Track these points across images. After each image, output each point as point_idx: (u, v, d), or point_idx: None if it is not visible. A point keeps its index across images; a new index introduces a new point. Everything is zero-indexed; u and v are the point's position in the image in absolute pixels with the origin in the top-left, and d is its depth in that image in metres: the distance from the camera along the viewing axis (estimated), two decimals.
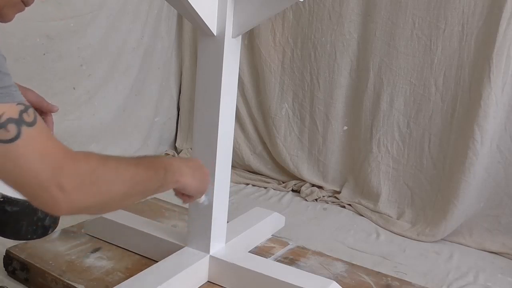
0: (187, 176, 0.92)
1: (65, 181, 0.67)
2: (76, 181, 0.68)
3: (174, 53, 2.81)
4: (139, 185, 0.80)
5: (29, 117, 0.66)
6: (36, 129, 0.66)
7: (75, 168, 0.69)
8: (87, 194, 0.70)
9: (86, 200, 0.70)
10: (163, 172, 0.85)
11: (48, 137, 0.69)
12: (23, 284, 1.38)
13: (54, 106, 1.05)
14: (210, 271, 1.32)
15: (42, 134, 0.68)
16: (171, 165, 0.88)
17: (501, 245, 1.94)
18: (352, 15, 2.24)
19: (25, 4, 0.79)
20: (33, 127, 0.66)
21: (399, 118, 2.16)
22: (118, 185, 0.75)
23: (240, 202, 2.20)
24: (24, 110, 0.66)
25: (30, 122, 0.66)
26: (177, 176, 0.89)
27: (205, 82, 1.24)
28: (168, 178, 0.87)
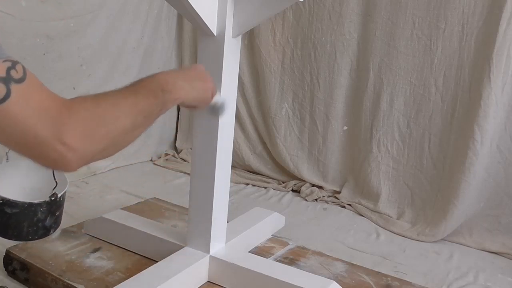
0: (184, 90, 0.86)
1: (67, 134, 0.63)
2: (79, 131, 0.65)
3: (174, 53, 2.81)
4: (141, 113, 0.76)
5: (17, 73, 0.62)
6: (26, 84, 0.62)
7: (74, 117, 0.65)
8: (94, 140, 0.67)
9: (95, 146, 0.67)
10: (161, 93, 0.81)
11: (41, 91, 0.64)
12: (23, 284, 1.38)
13: None
14: (210, 271, 1.32)
15: (34, 89, 0.64)
16: (167, 83, 0.83)
17: (501, 245, 1.94)
18: (352, 15, 2.24)
19: None
20: (23, 83, 0.62)
21: (399, 118, 2.16)
22: (122, 120, 0.72)
23: (240, 202, 2.20)
24: (11, 66, 0.62)
25: (19, 79, 0.62)
26: (175, 94, 0.84)
27: None
28: (167, 98, 0.82)
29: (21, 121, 0.61)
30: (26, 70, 0.63)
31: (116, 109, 0.71)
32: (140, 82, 0.80)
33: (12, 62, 0.63)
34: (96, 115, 0.67)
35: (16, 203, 1.00)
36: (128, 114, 0.72)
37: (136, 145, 2.68)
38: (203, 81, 0.94)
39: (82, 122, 0.65)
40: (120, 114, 0.71)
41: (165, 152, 2.83)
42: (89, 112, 0.67)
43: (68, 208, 1.59)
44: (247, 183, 2.49)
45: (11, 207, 1.03)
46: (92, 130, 0.66)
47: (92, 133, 0.66)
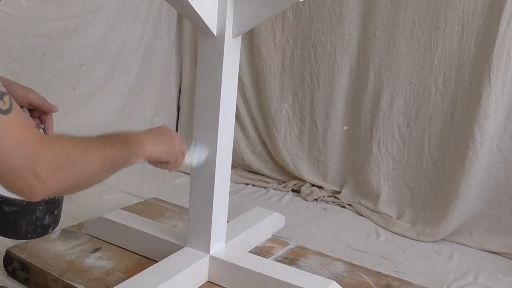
0: (150, 144, 0.96)
1: (40, 168, 0.68)
2: (52, 167, 0.70)
3: (174, 53, 2.81)
4: (108, 161, 0.83)
5: (4, 104, 0.66)
6: (11, 116, 0.66)
7: (50, 154, 0.70)
8: (63, 178, 0.72)
9: (62, 183, 0.72)
10: (128, 144, 0.89)
11: (23, 124, 0.69)
12: (23, 284, 1.38)
13: (54, 106, 1.05)
14: (210, 271, 1.32)
15: (18, 122, 0.68)
16: (135, 137, 0.92)
17: (501, 245, 1.94)
18: (352, 15, 2.24)
19: None
20: (8, 114, 0.66)
21: (399, 118, 2.16)
22: (91, 164, 0.78)
23: (240, 202, 2.20)
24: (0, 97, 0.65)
25: (5, 110, 0.66)
26: (142, 147, 0.93)
27: (205, 82, 1.24)
28: (133, 150, 0.90)
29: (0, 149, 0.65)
30: (12, 102, 0.68)
31: (87, 154, 0.78)
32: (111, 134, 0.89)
33: (1, 93, 0.66)
34: (68, 155, 0.73)
35: (14, 201, 1.00)
36: (96, 160, 0.80)
37: None
38: (169, 136, 1.04)
39: (55, 159, 0.71)
40: (89, 159, 0.78)
41: None
42: (63, 152, 0.72)
43: (68, 208, 1.59)
44: (247, 183, 2.49)
45: (10, 206, 1.02)
46: (63, 169, 0.72)
47: (62, 172, 0.71)
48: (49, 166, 0.69)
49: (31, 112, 1.05)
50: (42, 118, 1.06)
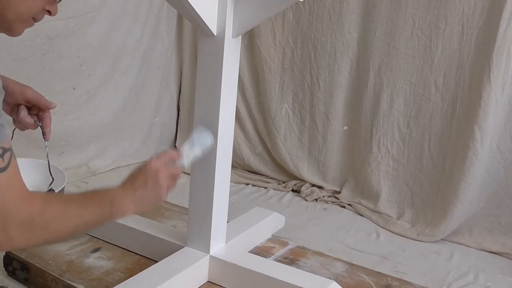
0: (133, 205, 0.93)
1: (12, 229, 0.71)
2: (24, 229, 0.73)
3: (174, 53, 2.81)
4: (84, 222, 0.85)
5: (3, 162, 0.70)
6: (5, 174, 0.70)
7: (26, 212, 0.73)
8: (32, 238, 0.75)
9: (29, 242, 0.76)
10: (109, 207, 0.88)
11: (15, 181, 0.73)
12: (23, 284, 1.38)
13: (52, 102, 1.04)
14: (210, 271, 1.32)
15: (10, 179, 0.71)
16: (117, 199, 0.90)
17: (501, 245, 1.94)
18: (352, 15, 2.23)
19: (35, 21, 0.81)
20: (3, 172, 0.70)
21: (399, 118, 2.16)
22: (63, 227, 0.80)
23: (240, 202, 2.20)
24: (1, 154, 0.69)
25: (2, 168, 0.70)
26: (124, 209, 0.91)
27: (205, 82, 1.24)
28: (114, 212, 0.89)
29: None
30: (11, 160, 0.72)
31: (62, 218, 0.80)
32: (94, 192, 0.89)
33: (3, 150, 0.70)
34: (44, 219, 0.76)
35: None
36: (72, 224, 0.81)
37: (136, 145, 2.68)
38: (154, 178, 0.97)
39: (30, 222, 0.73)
40: (65, 222, 0.80)
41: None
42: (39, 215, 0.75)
43: None
44: (247, 183, 2.49)
45: None
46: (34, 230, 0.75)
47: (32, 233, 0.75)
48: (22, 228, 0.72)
49: (29, 110, 1.04)
50: (40, 115, 1.06)
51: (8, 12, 0.76)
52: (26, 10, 0.78)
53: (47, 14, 0.84)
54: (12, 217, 0.72)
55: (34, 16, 0.81)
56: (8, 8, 0.76)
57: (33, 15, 0.81)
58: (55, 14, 0.85)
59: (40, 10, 0.82)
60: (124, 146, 2.59)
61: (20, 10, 0.77)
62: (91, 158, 2.39)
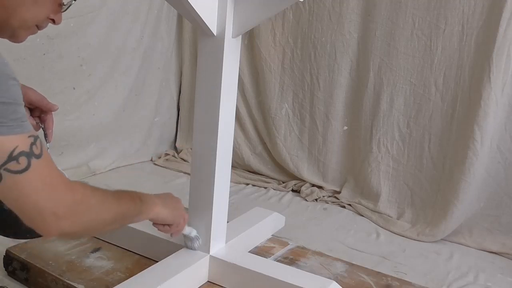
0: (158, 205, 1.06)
1: (60, 210, 0.74)
2: (70, 211, 0.75)
3: (174, 53, 2.81)
4: (120, 214, 0.90)
5: (37, 149, 0.71)
6: (43, 160, 0.72)
7: (71, 199, 0.76)
8: (78, 223, 0.78)
9: (76, 227, 0.78)
10: (139, 202, 0.98)
11: (52, 168, 0.75)
12: (23, 284, 1.38)
13: (54, 105, 1.05)
14: (210, 271, 1.32)
15: (48, 165, 0.74)
16: (145, 197, 1.02)
17: (501, 245, 1.94)
18: (352, 15, 2.24)
19: (39, 28, 0.82)
20: (40, 158, 0.71)
21: (399, 118, 2.16)
22: (104, 214, 0.85)
23: (240, 202, 2.20)
24: (33, 142, 0.71)
25: (38, 154, 0.71)
26: (151, 205, 1.03)
27: (205, 82, 1.24)
28: (143, 207, 0.99)
29: (29, 191, 0.71)
30: (43, 145, 0.74)
31: (103, 205, 0.85)
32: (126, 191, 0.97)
33: (34, 138, 0.72)
34: (87, 203, 0.80)
35: None
36: (110, 212, 0.87)
37: (136, 145, 2.68)
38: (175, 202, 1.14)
39: (75, 205, 0.77)
40: (104, 210, 0.85)
41: (165, 152, 2.83)
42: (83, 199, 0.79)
43: None
44: (247, 183, 2.49)
45: None
46: (80, 214, 0.78)
47: (78, 217, 0.77)
48: (68, 210, 0.75)
49: (31, 112, 1.05)
50: (42, 117, 1.06)
51: (13, 19, 0.77)
52: (30, 18, 0.79)
53: (51, 23, 0.85)
54: (61, 200, 0.74)
55: (38, 24, 0.83)
56: (13, 15, 0.76)
57: (37, 23, 0.82)
58: (59, 23, 0.86)
59: (45, 18, 0.83)
60: (124, 146, 2.59)
61: (24, 17, 0.78)
62: (91, 158, 2.39)
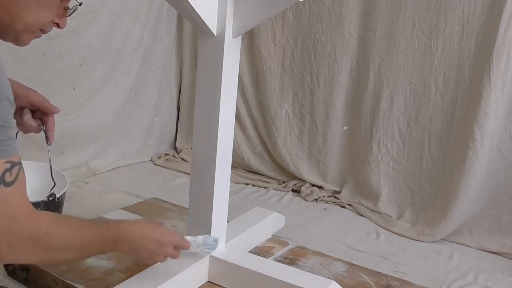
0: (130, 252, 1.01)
1: (17, 242, 0.73)
2: (27, 244, 0.74)
3: (174, 53, 2.81)
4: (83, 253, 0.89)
5: (11, 176, 0.71)
6: (12, 189, 0.72)
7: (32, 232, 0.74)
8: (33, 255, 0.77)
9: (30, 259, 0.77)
10: (111, 246, 0.94)
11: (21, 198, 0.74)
12: (23, 284, 1.38)
13: (56, 107, 1.05)
14: (210, 271, 1.32)
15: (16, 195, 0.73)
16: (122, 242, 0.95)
17: (501, 245, 1.94)
18: (352, 15, 2.24)
19: (43, 32, 0.82)
20: (10, 187, 0.71)
21: (399, 118, 2.16)
22: (65, 254, 0.83)
23: (240, 202, 2.20)
24: (9, 168, 0.71)
25: (9, 182, 0.71)
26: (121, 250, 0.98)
27: (205, 82, 1.24)
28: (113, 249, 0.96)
29: None
30: (19, 175, 0.73)
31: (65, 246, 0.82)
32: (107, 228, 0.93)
33: (12, 164, 0.71)
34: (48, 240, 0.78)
35: None
36: (72, 253, 0.84)
37: (136, 145, 2.68)
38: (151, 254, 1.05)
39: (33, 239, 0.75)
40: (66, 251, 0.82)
41: (165, 152, 2.83)
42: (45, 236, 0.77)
43: (68, 208, 1.59)
44: (247, 183, 2.49)
45: None
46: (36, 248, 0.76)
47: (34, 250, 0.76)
48: (24, 243, 0.74)
49: (33, 113, 1.05)
50: (44, 119, 1.06)
51: (17, 23, 0.77)
52: (35, 22, 0.79)
53: (56, 27, 0.85)
54: (19, 232, 0.73)
55: (42, 28, 0.82)
56: (17, 19, 0.76)
57: (41, 26, 0.81)
58: (64, 27, 0.85)
59: (49, 22, 0.82)
60: (124, 146, 2.59)
61: (29, 21, 0.78)
62: (91, 158, 2.39)
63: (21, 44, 0.82)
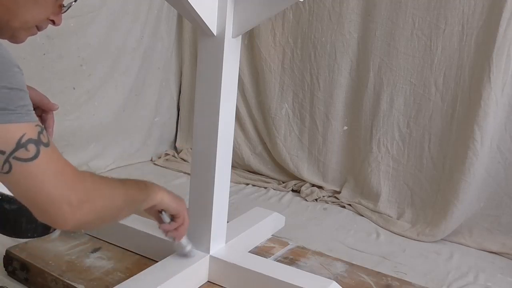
0: (163, 193, 1.05)
1: (74, 198, 0.72)
2: (84, 199, 0.74)
3: (174, 53, 2.81)
4: (130, 199, 0.90)
5: (45, 137, 0.71)
6: (51, 149, 0.71)
7: (83, 186, 0.75)
8: (93, 210, 0.77)
9: (91, 215, 0.76)
10: (145, 187, 0.99)
11: (60, 157, 0.74)
12: (23, 284, 1.38)
13: (54, 104, 1.05)
14: (210, 271, 1.32)
15: (56, 154, 0.73)
16: (151, 184, 1.03)
17: (501, 245, 1.94)
18: (352, 15, 2.24)
19: (39, 29, 0.82)
20: (48, 147, 0.71)
21: (399, 118, 2.16)
22: (115, 200, 0.84)
23: (240, 202, 2.20)
24: (41, 131, 0.70)
25: (46, 143, 0.70)
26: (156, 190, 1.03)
27: (205, 82, 1.24)
28: (149, 192, 1.00)
29: (41, 180, 0.69)
30: (49, 137, 0.73)
31: (113, 190, 0.85)
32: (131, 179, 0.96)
33: (41, 128, 0.71)
34: (98, 189, 0.79)
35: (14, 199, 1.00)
36: (120, 196, 0.86)
37: (136, 145, 2.68)
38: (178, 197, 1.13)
39: (87, 192, 0.76)
40: (115, 195, 0.85)
41: (165, 152, 2.83)
42: (93, 186, 0.78)
43: None
44: (247, 183, 2.49)
45: (10, 203, 1.02)
46: (93, 201, 0.77)
47: (92, 203, 0.76)
48: (81, 197, 0.74)
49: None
50: (43, 116, 1.06)
51: (14, 20, 0.77)
52: (31, 19, 0.79)
53: (51, 24, 0.85)
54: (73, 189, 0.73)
55: (38, 25, 0.83)
56: (14, 16, 0.76)
57: (37, 23, 0.82)
58: (59, 24, 0.86)
59: (45, 19, 0.83)
60: (124, 146, 2.59)
61: (25, 18, 0.78)
62: (91, 158, 2.39)
63: (17, 42, 0.82)
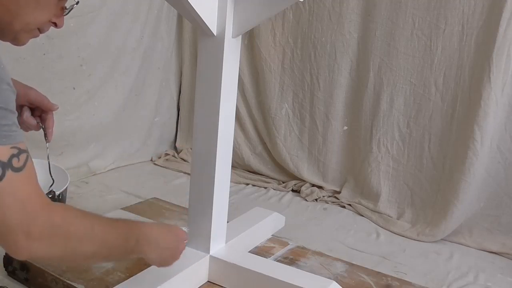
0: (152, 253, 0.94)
1: (34, 229, 0.69)
2: (45, 232, 0.70)
3: (174, 53, 2.81)
4: (106, 249, 0.82)
5: (18, 162, 0.68)
6: (22, 175, 0.68)
7: (48, 220, 0.71)
8: (51, 247, 0.72)
9: (48, 251, 0.72)
10: (134, 242, 0.88)
11: (32, 185, 0.70)
12: (23, 284, 1.38)
13: (54, 104, 1.05)
14: (210, 271, 1.32)
15: (27, 182, 0.69)
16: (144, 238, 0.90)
17: (501, 245, 1.94)
18: (352, 15, 2.24)
19: (41, 32, 0.82)
20: (19, 172, 0.68)
21: (399, 118, 2.16)
22: (83, 247, 0.77)
23: (240, 202, 2.20)
24: (16, 154, 0.68)
25: (18, 168, 0.68)
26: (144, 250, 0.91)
27: (205, 82, 1.24)
28: (135, 248, 0.89)
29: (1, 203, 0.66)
30: (27, 162, 0.70)
31: (87, 234, 0.77)
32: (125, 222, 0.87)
33: (19, 151, 0.68)
34: (66, 229, 0.73)
35: None
36: (94, 244, 0.78)
37: (136, 145, 2.68)
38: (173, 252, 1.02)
39: (50, 227, 0.71)
40: (85, 242, 0.77)
41: (165, 152, 2.83)
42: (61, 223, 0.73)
43: None
44: (247, 183, 2.49)
45: None
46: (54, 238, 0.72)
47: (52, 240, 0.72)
48: (42, 231, 0.70)
49: (32, 111, 1.05)
50: (43, 116, 1.06)
51: (16, 22, 0.77)
52: (33, 21, 0.79)
53: (53, 26, 0.85)
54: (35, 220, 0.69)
55: (40, 27, 0.82)
56: (16, 18, 0.76)
57: (39, 26, 0.82)
58: (61, 27, 0.85)
59: (47, 22, 0.82)
60: (124, 146, 2.59)
61: (27, 20, 0.78)
62: (91, 158, 2.39)
63: (19, 44, 0.82)
